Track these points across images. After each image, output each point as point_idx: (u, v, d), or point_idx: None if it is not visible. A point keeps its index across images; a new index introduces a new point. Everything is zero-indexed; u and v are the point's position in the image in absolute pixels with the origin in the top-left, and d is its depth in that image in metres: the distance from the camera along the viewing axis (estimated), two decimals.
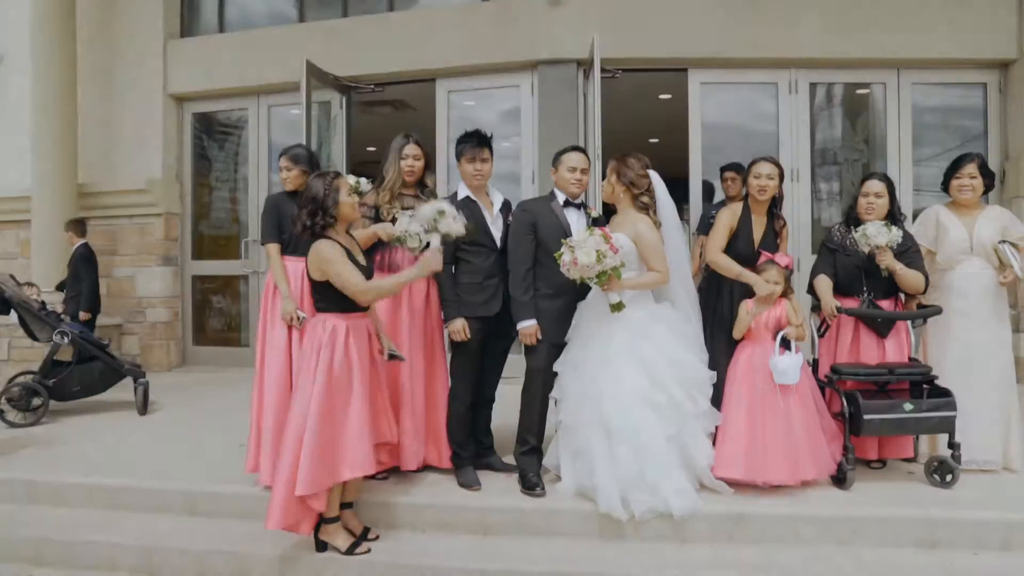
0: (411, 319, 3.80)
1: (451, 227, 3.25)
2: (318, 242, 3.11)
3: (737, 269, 3.82)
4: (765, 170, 3.90)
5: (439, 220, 3.22)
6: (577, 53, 6.67)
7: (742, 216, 3.95)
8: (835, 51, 6.69)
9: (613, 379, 3.39)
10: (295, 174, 3.97)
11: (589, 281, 3.36)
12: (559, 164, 3.78)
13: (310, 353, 3.12)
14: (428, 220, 3.23)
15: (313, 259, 3.11)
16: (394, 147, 3.86)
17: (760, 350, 3.66)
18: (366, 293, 3.10)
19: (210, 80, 7.90)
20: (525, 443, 3.75)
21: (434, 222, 3.22)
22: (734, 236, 3.94)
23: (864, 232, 3.76)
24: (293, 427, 3.07)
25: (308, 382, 3.08)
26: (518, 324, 3.65)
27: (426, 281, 3.84)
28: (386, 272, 3.73)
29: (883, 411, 3.51)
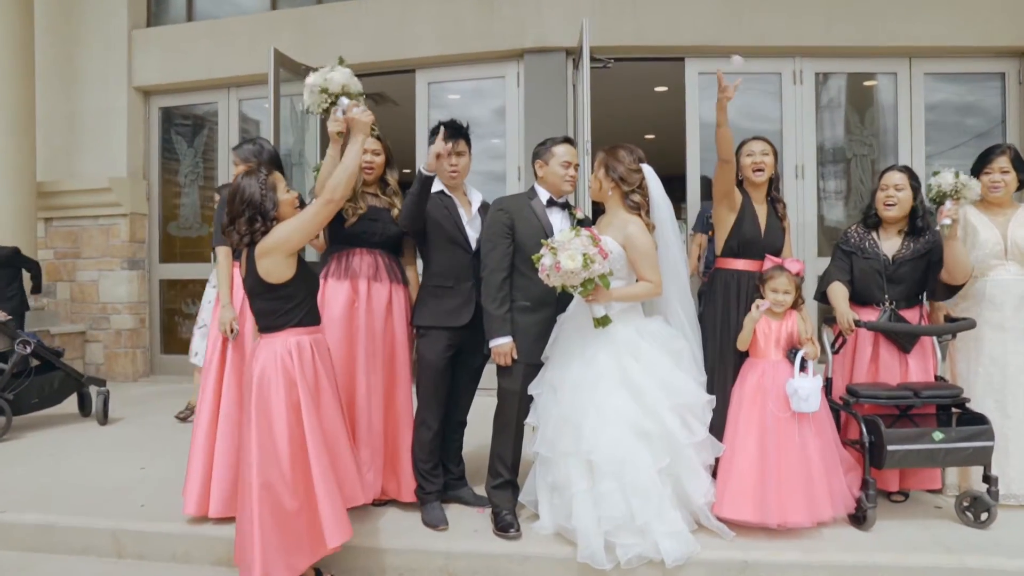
0: (369, 327, 3.32)
1: (345, 76, 2.97)
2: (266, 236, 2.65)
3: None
4: (758, 147, 3.53)
5: (326, 85, 2.94)
6: (566, 41, 6.23)
7: (743, 201, 3.51)
8: (842, 39, 6.23)
9: (596, 405, 2.94)
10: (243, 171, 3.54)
11: (572, 290, 2.90)
12: (549, 157, 3.31)
13: (271, 384, 2.62)
14: (318, 99, 2.96)
15: (265, 251, 2.62)
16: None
17: (771, 370, 3.20)
18: (335, 189, 2.65)
19: (178, 72, 7.45)
20: (498, 476, 3.29)
21: (323, 93, 2.94)
22: (738, 222, 3.49)
23: (932, 183, 3.39)
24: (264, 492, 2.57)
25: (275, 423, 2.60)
26: (491, 342, 3.19)
27: (388, 283, 3.39)
28: (344, 280, 3.27)
29: (909, 441, 3.05)
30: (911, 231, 3.55)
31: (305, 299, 2.72)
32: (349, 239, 3.33)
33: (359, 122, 2.81)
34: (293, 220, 2.65)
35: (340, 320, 3.24)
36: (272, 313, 2.68)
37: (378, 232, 3.38)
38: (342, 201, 2.70)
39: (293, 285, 2.66)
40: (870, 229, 3.63)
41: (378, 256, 3.39)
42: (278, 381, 2.61)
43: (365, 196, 3.37)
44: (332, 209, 2.67)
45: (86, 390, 5.72)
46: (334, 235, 3.37)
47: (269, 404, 2.60)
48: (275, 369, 2.62)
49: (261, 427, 2.60)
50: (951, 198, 3.35)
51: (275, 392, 2.61)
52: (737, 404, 3.25)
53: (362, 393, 3.30)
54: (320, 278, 3.28)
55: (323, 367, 2.72)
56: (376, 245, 3.39)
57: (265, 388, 2.61)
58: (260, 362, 2.66)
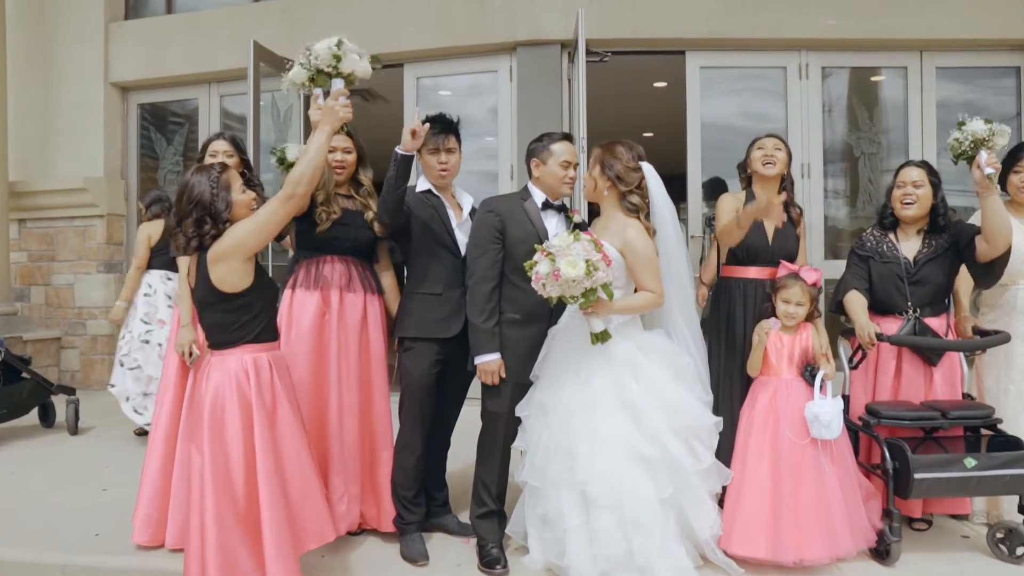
0: (341, 342, 3.03)
1: (356, 65, 2.58)
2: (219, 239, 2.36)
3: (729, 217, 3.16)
4: (770, 142, 3.26)
5: (342, 56, 2.56)
6: (561, 33, 5.93)
7: (747, 200, 3.22)
8: (850, 31, 5.93)
9: (591, 429, 2.65)
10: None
11: (570, 301, 2.60)
12: (546, 156, 2.99)
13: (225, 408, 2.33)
14: (325, 59, 2.56)
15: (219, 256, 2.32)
16: None
17: (784, 389, 2.91)
18: (297, 183, 2.33)
19: (157, 67, 7.13)
20: (482, 504, 3.00)
21: (335, 60, 2.56)
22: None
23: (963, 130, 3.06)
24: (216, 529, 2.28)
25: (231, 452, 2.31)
26: (477, 358, 2.90)
27: (363, 293, 3.09)
28: (314, 290, 2.98)
29: (938, 468, 2.76)
30: (931, 229, 3.26)
31: (263, 311, 2.42)
32: (319, 245, 3.03)
33: (334, 113, 2.47)
34: (249, 220, 2.35)
35: (309, 334, 2.94)
36: (226, 327, 2.39)
37: (350, 237, 3.08)
38: (304, 198, 2.40)
39: (250, 295, 2.37)
40: (887, 231, 3.34)
41: (351, 264, 3.10)
42: (233, 404, 2.32)
43: (337, 198, 3.07)
44: (293, 206, 2.37)
45: (49, 400, 5.43)
46: (302, 241, 3.07)
47: (224, 431, 2.31)
48: (230, 391, 2.33)
49: (216, 457, 2.30)
50: (986, 146, 3.01)
51: (230, 417, 2.32)
52: (747, 427, 2.96)
53: (334, 414, 3.01)
54: (286, 288, 2.99)
55: (283, 388, 2.43)
56: (348, 252, 3.09)
57: (219, 413, 2.32)
58: (213, 383, 2.36)
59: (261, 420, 2.32)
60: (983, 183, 3.01)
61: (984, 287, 3.29)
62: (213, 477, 2.27)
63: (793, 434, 2.82)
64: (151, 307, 5.01)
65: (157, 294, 5.02)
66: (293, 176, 2.35)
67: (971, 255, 3.14)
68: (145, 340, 4.98)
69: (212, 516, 2.25)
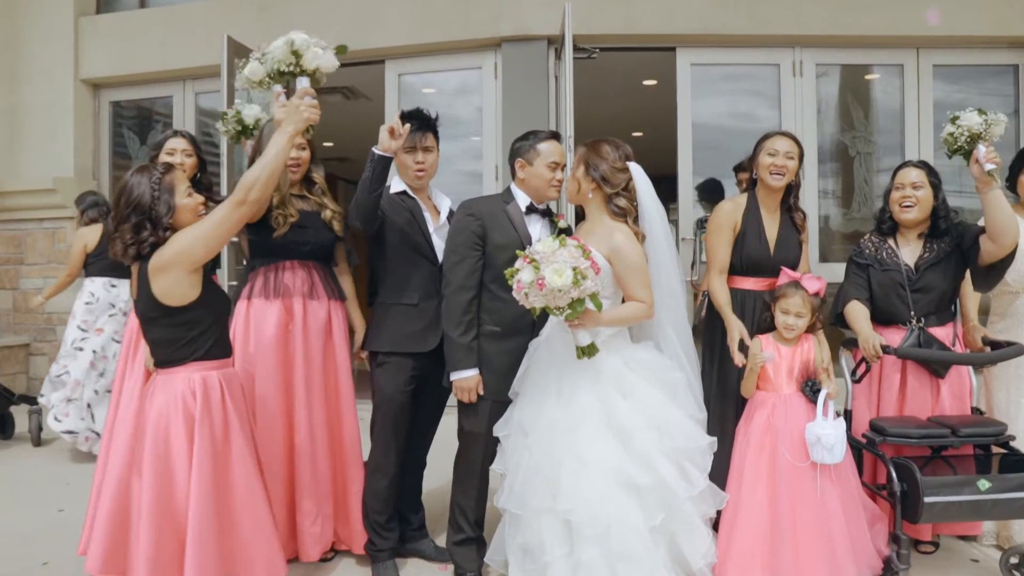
0: (306, 354, 2.82)
1: (320, 59, 2.30)
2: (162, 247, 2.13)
3: (721, 303, 2.93)
4: (783, 146, 2.97)
5: (302, 53, 2.27)
6: (547, 29, 5.72)
7: (748, 210, 3.01)
8: (845, 28, 5.75)
9: (575, 452, 2.43)
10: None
11: (555, 313, 2.38)
12: (532, 156, 2.78)
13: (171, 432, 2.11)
14: (284, 57, 2.28)
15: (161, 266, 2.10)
16: (269, 135, 2.87)
17: (783, 406, 2.72)
18: (251, 188, 2.10)
19: (130, 63, 6.88)
20: (459, 530, 2.80)
21: (295, 57, 2.27)
22: (740, 236, 3.00)
23: (958, 124, 2.82)
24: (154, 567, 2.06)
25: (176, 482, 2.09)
26: (453, 374, 2.69)
27: (326, 300, 2.88)
28: (275, 299, 2.76)
29: (950, 491, 2.56)
30: (933, 233, 3.07)
31: (212, 325, 2.20)
32: (277, 251, 2.82)
33: (298, 113, 2.23)
34: (195, 227, 2.13)
35: (272, 346, 2.73)
36: (171, 343, 2.16)
37: (310, 240, 2.87)
38: (258, 204, 2.17)
39: (198, 308, 2.15)
40: (886, 236, 3.15)
41: (312, 269, 2.89)
42: (179, 429, 2.10)
43: (293, 200, 2.85)
44: (245, 213, 2.15)
45: (8, 411, 5.19)
46: (258, 247, 2.85)
47: (169, 458, 2.09)
48: (175, 413, 2.11)
49: (159, 485, 2.08)
50: (983, 140, 2.81)
51: (176, 442, 2.09)
52: (743, 446, 2.77)
53: (303, 430, 2.79)
54: (240, 299, 2.76)
55: (235, 410, 2.20)
56: (308, 256, 2.88)
57: (162, 438, 2.10)
58: (157, 405, 2.13)
59: (204, 446, 2.09)
60: (983, 179, 2.81)
61: (984, 290, 3.11)
62: (153, 509, 2.04)
63: (792, 456, 2.63)
64: (90, 315, 4.78)
65: (99, 303, 4.79)
66: (247, 180, 2.12)
67: (975, 257, 2.95)
68: (79, 348, 4.75)
69: (147, 552, 2.03)
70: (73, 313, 4.82)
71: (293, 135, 2.23)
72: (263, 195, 2.16)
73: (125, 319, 4.53)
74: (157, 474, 2.07)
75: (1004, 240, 2.82)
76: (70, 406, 4.65)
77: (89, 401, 4.66)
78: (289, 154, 2.35)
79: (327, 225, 2.92)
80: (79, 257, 4.86)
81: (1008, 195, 3.20)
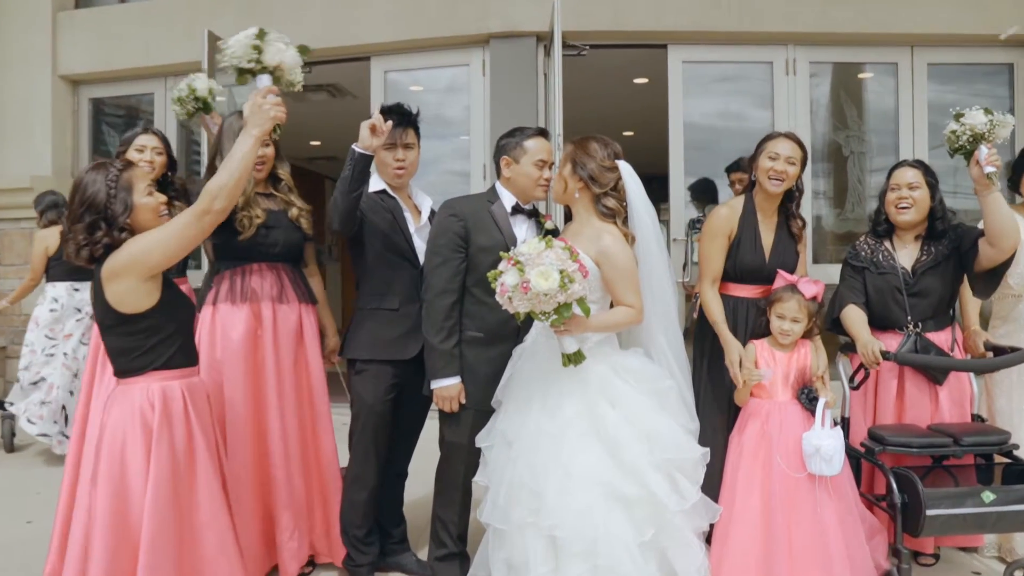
0: (277, 361, 2.69)
1: (283, 55, 2.15)
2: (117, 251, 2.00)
3: (715, 318, 2.81)
4: (784, 149, 2.83)
5: (263, 47, 2.11)
6: (536, 25, 5.60)
7: (744, 215, 2.90)
8: (838, 25, 5.66)
9: (561, 464, 2.31)
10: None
11: (541, 318, 2.26)
12: (519, 154, 2.66)
13: (127, 447, 1.98)
14: (244, 53, 2.13)
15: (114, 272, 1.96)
16: (230, 128, 2.74)
17: (778, 414, 2.61)
18: (217, 196, 1.95)
19: (110, 59, 6.72)
20: (442, 545, 2.68)
21: (255, 51, 2.11)
22: (735, 243, 2.88)
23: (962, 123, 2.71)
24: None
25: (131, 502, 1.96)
26: (434, 383, 2.57)
27: (297, 303, 2.76)
28: (242, 304, 2.63)
29: (953, 503, 2.45)
30: (930, 235, 2.97)
31: (174, 333, 2.07)
32: (243, 254, 2.69)
33: (263, 113, 2.07)
34: (154, 233, 2.00)
35: (240, 354, 2.60)
36: (128, 352, 2.03)
37: (279, 241, 2.75)
38: (224, 213, 2.02)
39: (156, 316, 2.01)
40: (882, 238, 3.04)
41: (281, 271, 2.77)
42: (136, 444, 1.96)
43: (258, 199, 2.72)
44: (209, 223, 2.01)
45: None
46: (223, 250, 2.72)
47: (125, 475, 1.96)
48: (132, 427, 1.97)
49: (113, 505, 1.95)
50: (986, 141, 2.71)
51: (132, 459, 1.96)
52: (736, 456, 2.66)
53: (277, 441, 2.67)
54: (206, 304, 2.63)
55: (199, 423, 2.07)
56: (277, 257, 2.76)
57: (117, 454, 1.97)
58: (113, 418, 2.00)
59: (162, 461, 1.96)
60: (982, 181, 2.72)
61: (982, 297, 3.01)
62: (107, 529, 1.91)
63: (787, 466, 2.52)
64: (57, 323, 4.66)
65: (64, 308, 4.66)
66: (211, 188, 1.98)
67: (972, 261, 2.86)
68: (50, 354, 4.64)
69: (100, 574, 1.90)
70: (36, 319, 4.69)
71: (259, 138, 2.08)
72: (229, 203, 2.02)
73: (92, 322, 4.42)
74: (111, 491, 1.93)
75: (1003, 244, 2.73)
76: (44, 408, 4.56)
77: (64, 403, 4.55)
78: (256, 158, 2.20)
79: (295, 224, 2.80)
80: (40, 261, 4.74)
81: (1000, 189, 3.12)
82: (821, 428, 2.51)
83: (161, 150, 3.04)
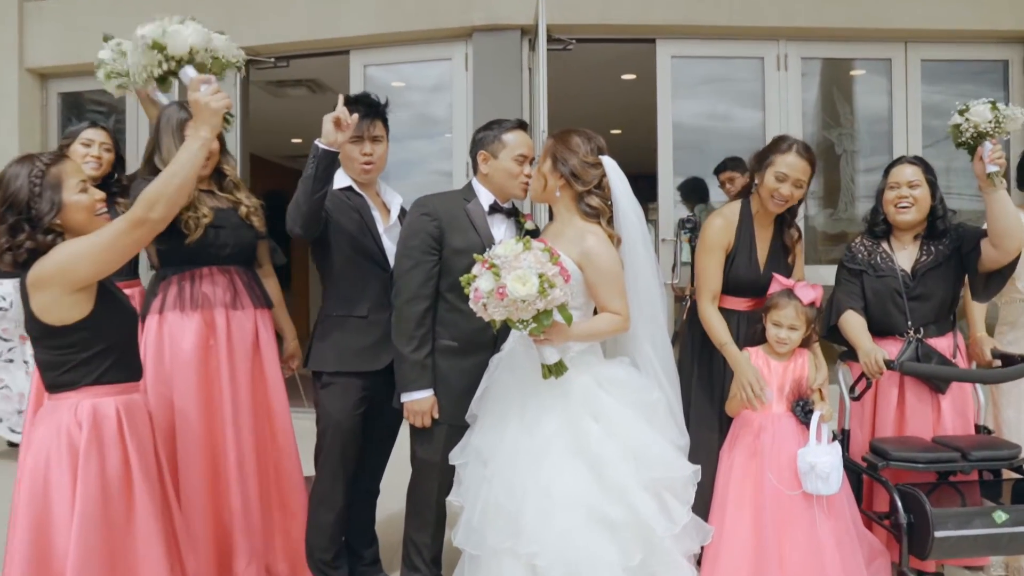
0: (232, 372, 2.49)
1: (191, 37, 1.96)
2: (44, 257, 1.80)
3: (722, 339, 2.61)
4: (794, 170, 2.60)
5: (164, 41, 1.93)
6: (520, 18, 5.41)
7: (741, 225, 2.72)
8: (831, 20, 5.51)
9: (541, 485, 2.13)
10: None
11: (519, 326, 2.07)
12: (498, 148, 2.49)
13: (52, 472, 1.78)
14: (149, 61, 1.97)
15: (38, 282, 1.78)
16: (169, 121, 2.53)
17: (771, 427, 2.45)
18: (154, 204, 1.76)
19: (79, 52, 6.40)
20: (414, 569, 2.50)
21: (158, 51, 1.93)
22: (730, 257, 2.71)
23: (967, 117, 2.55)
24: None
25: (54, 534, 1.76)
26: (404, 395, 2.39)
27: (252, 309, 2.56)
28: (195, 312, 2.43)
29: (963, 523, 2.29)
30: (930, 235, 2.81)
31: (110, 347, 1.87)
32: (191, 258, 2.48)
33: (205, 108, 1.87)
34: (83, 241, 1.79)
35: (191, 366, 2.40)
36: (57, 366, 1.83)
37: (230, 242, 2.54)
38: (163, 223, 1.83)
39: (87, 329, 1.81)
40: (879, 239, 2.88)
41: (234, 275, 2.56)
42: (61, 465, 1.77)
43: (203, 198, 2.51)
44: (144, 234, 1.81)
45: None
46: (169, 256, 2.50)
47: (48, 503, 1.76)
48: (57, 447, 1.78)
49: (34, 534, 1.75)
50: (990, 137, 2.55)
51: (57, 484, 1.76)
52: (726, 472, 2.50)
53: (232, 461, 2.47)
54: (151, 313, 2.43)
55: (136, 443, 1.87)
56: (228, 259, 2.56)
57: (40, 476, 1.77)
58: (38, 436, 1.81)
59: (90, 486, 1.76)
60: (985, 179, 2.56)
61: (983, 300, 2.87)
62: (25, 564, 1.71)
63: (781, 483, 2.36)
64: (8, 322, 4.42)
65: (13, 307, 4.42)
66: (149, 194, 1.77)
67: (974, 262, 2.70)
68: (9, 359, 4.42)
69: None
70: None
71: (209, 137, 1.87)
72: (169, 213, 1.82)
73: None
74: (31, 521, 1.74)
75: (1007, 245, 2.57)
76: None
77: None
78: (203, 162, 1.97)
79: (246, 222, 2.60)
80: None
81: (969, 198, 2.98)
82: (817, 444, 2.34)
83: (110, 146, 2.84)
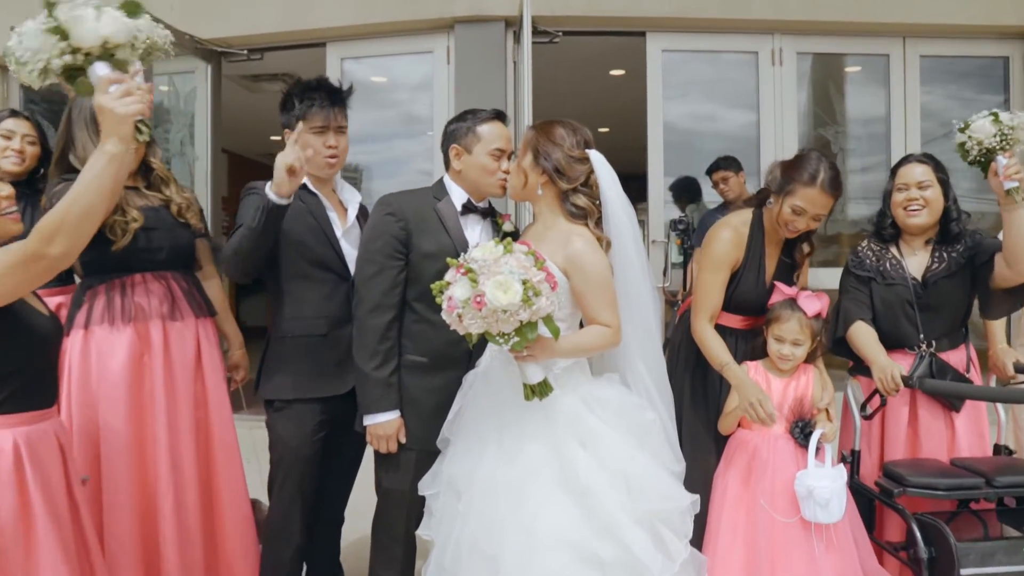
0: (170, 393, 2.22)
1: (108, 26, 1.56)
2: None
3: (721, 359, 2.38)
4: (816, 206, 2.40)
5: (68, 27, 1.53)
6: (505, 9, 5.20)
7: (752, 241, 2.49)
8: (827, 14, 5.33)
9: (522, 522, 1.89)
10: None
11: (499, 341, 1.82)
12: (471, 142, 2.25)
13: None
14: (49, 48, 1.53)
15: None
16: (81, 112, 2.23)
17: (767, 448, 2.23)
18: (52, 236, 1.48)
19: None
20: None
21: (59, 37, 1.53)
22: (737, 273, 2.48)
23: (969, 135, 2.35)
24: None
25: None
26: (367, 418, 2.14)
27: (192, 319, 2.29)
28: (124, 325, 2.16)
29: (990, 559, 2.07)
30: (943, 239, 2.59)
31: (10, 373, 1.61)
32: (121, 265, 2.20)
33: (111, 114, 1.52)
34: None
35: (122, 386, 2.13)
36: None
37: (164, 245, 2.28)
38: (65, 259, 1.54)
39: None
40: (887, 244, 2.67)
41: (171, 281, 2.29)
42: None
43: (130, 197, 2.23)
44: (43, 271, 1.53)
45: None
46: (95, 264, 2.22)
47: None
48: None
49: None
50: (1002, 151, 2.34)
51: None
52: (720, 497, 2.29)
53: (167, 493, 2.18)
54: (75, 328, 2.16)
55: (39, 481, 1.61)
56: (164, 264, 2.29)
57: None
58: None
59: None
60: (1005, 196, 2.34)
61: (991, 318, 2.69)
62: None
63: (775, 510, 2.14)
64: None
65: None
66: (46, 225, 1.49)
67: (986, 276, 2.50)
68: None
69: None
70: None
71: (121, 149, 1.53)
72: (73, 246, 1.52)
73: None
74: None
75: (1022, 267, 2.36)
76: None
77: None
78: (116, 182, 1.60)
79: (180, 221, 2.33)
80: None
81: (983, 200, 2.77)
82: (816, 465, 2.13)
83: (34, 139, 2.59)
